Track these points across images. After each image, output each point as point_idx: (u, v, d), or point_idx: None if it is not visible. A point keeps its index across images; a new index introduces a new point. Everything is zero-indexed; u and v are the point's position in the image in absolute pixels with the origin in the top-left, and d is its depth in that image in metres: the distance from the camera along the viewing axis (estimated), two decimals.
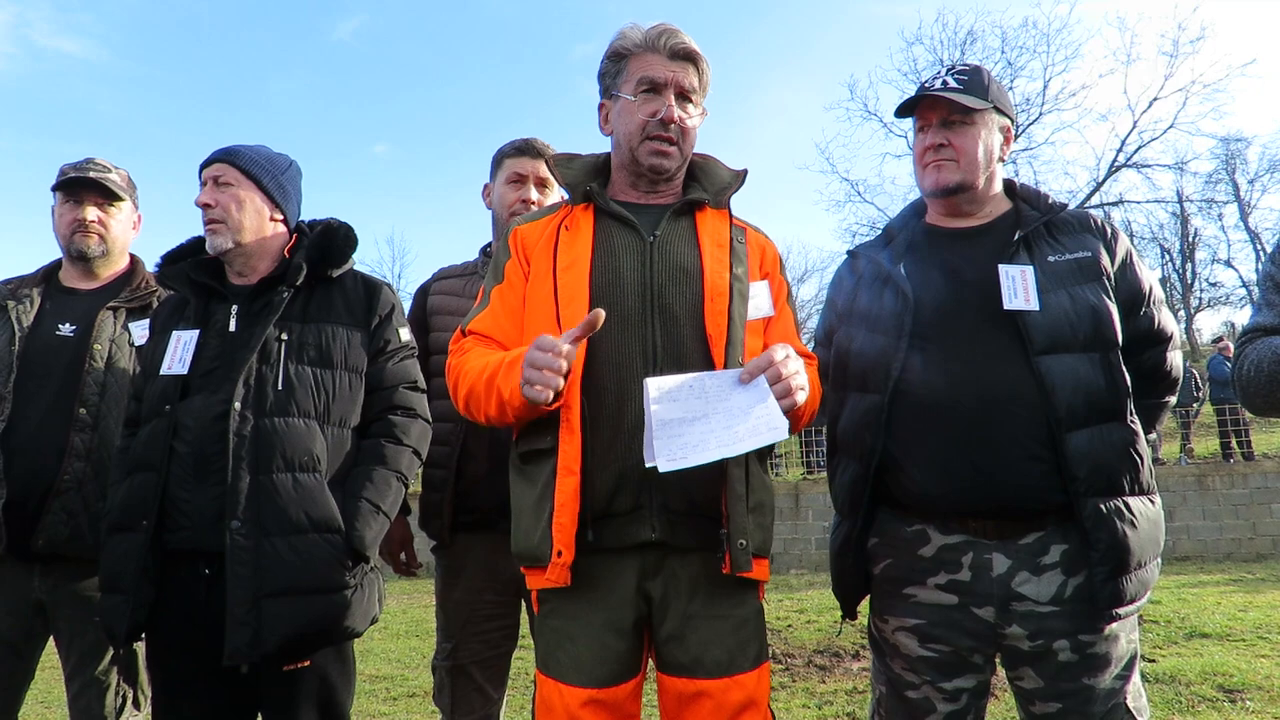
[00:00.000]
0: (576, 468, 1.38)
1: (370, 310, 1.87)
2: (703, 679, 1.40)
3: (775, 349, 1.37)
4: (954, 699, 1.55)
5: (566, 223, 1.56)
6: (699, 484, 1.41)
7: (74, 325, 2.10)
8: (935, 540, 1.55)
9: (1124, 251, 1.64)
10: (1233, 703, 3.58)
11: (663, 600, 1.43)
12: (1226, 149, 26.16)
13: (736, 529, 1.39)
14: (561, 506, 1.38)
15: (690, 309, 1.47)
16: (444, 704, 2.18)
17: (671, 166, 1.57)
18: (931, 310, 1.59)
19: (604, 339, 1.43)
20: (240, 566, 1.58)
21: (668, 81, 1.54)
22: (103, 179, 2.17)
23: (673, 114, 1.53)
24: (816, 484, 10.10)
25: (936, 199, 1.71)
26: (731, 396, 1.32)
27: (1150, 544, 1.50)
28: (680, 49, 1.55)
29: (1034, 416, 1.48)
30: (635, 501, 1.41)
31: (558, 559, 1.37)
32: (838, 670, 4.49)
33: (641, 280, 1.48)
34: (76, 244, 2.17)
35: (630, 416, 1.41)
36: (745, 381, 1.34)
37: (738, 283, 1.51)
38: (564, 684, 1.40)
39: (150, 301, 2.22)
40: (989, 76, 1.68)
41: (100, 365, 2.07)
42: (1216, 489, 9.26)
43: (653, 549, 1.42)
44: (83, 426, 2.01)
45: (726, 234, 1.57)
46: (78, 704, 2.05)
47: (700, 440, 1.28)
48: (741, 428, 1.30)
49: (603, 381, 1.43)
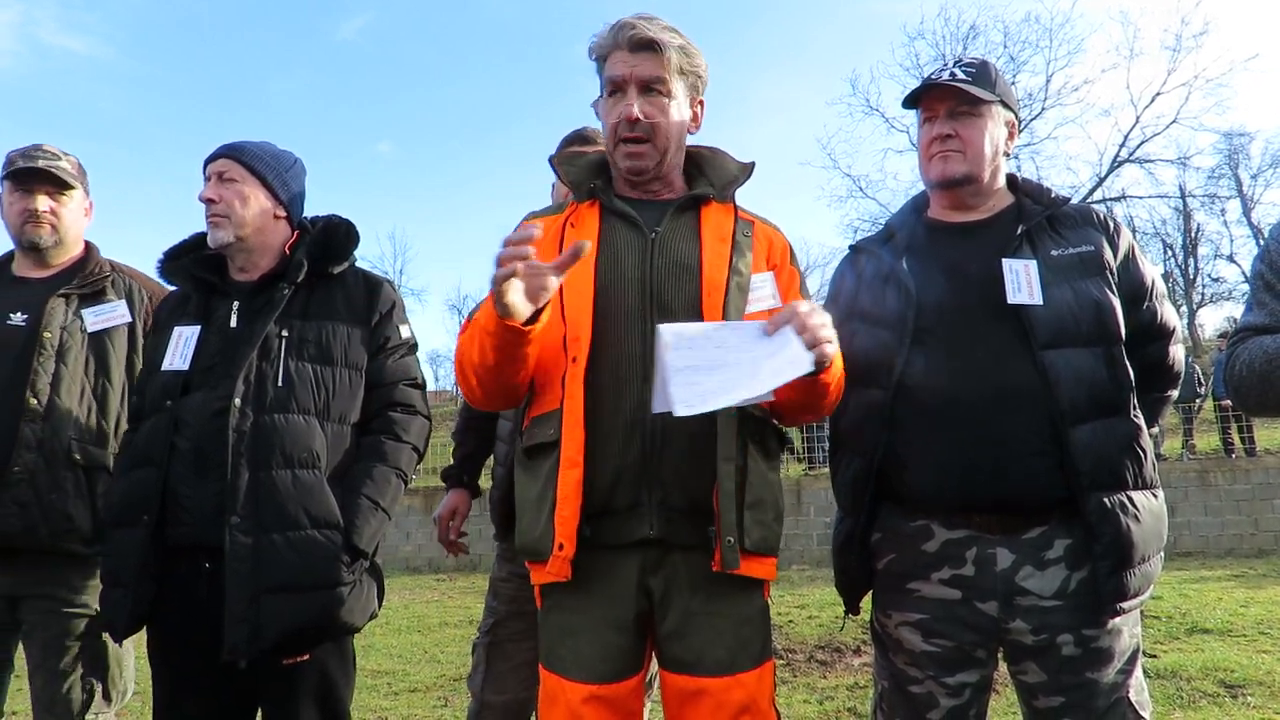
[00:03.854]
0: (580, 460, 1.37)
1: (371, 307, 1.87)
2: (703, 677, 1.39)
3: (800, 303, 1.30)
4: (957, 694, 1.55)
5: (572, 220, 1.55)
6: (698, 481, 1.40)
7: (24, 314, 2.06)
8: (939, 535, 1.54)
9: (1126, 245, 1.64)
10: (1234, 698, 3.58)
11: (664, 597, 1.42)
12: (1229, 144, 26.18)
13: (725, 526, 1.37)
14: (564, 499, 1.37)
15: (687, 304, 1.45)
16: (475, 684, 2.17)
17: (648, 165, 1.52)
18: (934, 305, 1.59)
19: (604, 336, 1.43)
20: (239, 562, 1.58)
21: (627, 78, 1.48)
22: (53, 168, 2.11)
23: (631, 112, 1.47)
24: (818, 479, 10.11)
25: (941, 191, 1.70)
26: (755, 347, 1.26)
27: (1153, 538, 1.50)
28: (637, 40, 1.47)
29: (1037, 411, 1.48)
30: (634, 498, 1.40)
31: (559, 552, 1.36)
32: (839, 665, 4.50)
33: (641, 277, 1.47)
34: (28, 234, 2.12)
35: (628, 413, 1.41)
36: (769, 333, 1.27)
37: (736, 276, 1.48)
38: (566, 679, 1.40)
39: (103, 287, 2.16)
40: (995, 71, 1.67)
41: (51, 353, 2.02)
42: (1219, 484, 9.25)
43: (654, 545, 1.42)
44: (33, 417, 1.97)
45: (729, 228, 1.54)
46: (41, 698, 2.02)
47: (719, 387, 1.22)
48: (766, 370, 1.23)
49: (602, 378, 1.42)
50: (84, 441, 2.04)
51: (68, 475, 1.99)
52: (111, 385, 2.11)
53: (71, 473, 2.00)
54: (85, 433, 2.05)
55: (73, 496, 1.99)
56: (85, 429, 2.05)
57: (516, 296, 1.26)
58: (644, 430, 1.40)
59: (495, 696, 2.12)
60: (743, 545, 1.39)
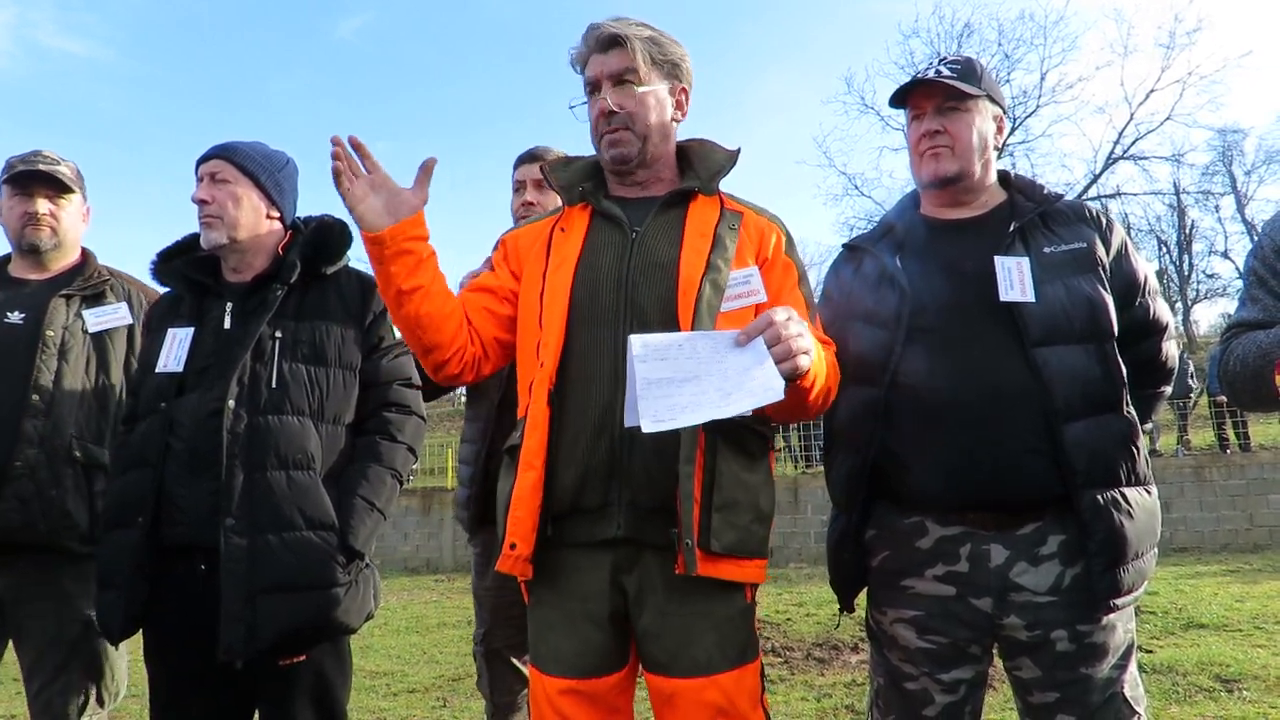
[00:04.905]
0: (538, 463, 1.39)
1: (365, 307, 1.87)
2: (678, 678, 1.39)
3: (776, 310, 1.29)
4: (952, 690, 1.55)
5: (562, 224, 1.55)
6: (665, 482, 1.38)
7: (24, 314, 2.08)
8: (933, 532, 1.55)
9: (1119, 242, 1.64)
10: (1229, 693, 3.60)
11: (638, 596, 1.42)
12: (1223, 140, 26.26)
13: (685, 529, 1.35)
14: (518, 500, 1.39)
15: (661, 304, 1.44)
16: (484, 688, 2.25)
17: (632, 152, 1.53)
18: (928, 303, 1.59)
19: (577, 338, 1.44)
20: (234, 563, 1.58)
21: (599, 76, 1.53)
22: (53, 171, 2.14)
23: (605, 105, 1.51)
24: (814, 478, 10.12)
25: (933, 190, 1.70)
26: (726, 358, 1.25)
27: (1147, 534, 1.51)
28: (603, 38, 1.52)
29: (1031, 408, 1.48)
30: (604, 498, 1.41)
31: (510, 551, 1.39)
32: (836, 663, 4.51)
33: (618, 277, 1.47)
34: (28, 237, 2.14)
35: (595, 413, 1.41)
36: (742, 344, 1.26)
37: (713, 273, 1.45)
38: (544, 673, 1.43)
39: (103, 290, 2.20)
40: (980, 67, 1.68)
41: (54, 351, 2.05)
42: (1214, 480, 9.29)
43: (625, 545, 1.42)
44: (35, 413, 1.98)
45: (713, 222, 1.52)
46: (39, 701, 2.03)
47: (691, 401, 1.21)
48: (735, 389, 1.22)
49: (571, 376, 1.43)
50: (84, 439, 2.05)
51: (68, 472, 2.01)
52: (111, 384, 2.14)
53: (72, 469, 2.01)
54: (85, 430, 2.06)
55: (72, 493, 2.00)
56: (85, 426, 2.06)
57: (369, 205, 1.38)
58: (611, 431, 1.40)
59: (502, 698, 2.20)
60: (709, 548, 1.37)
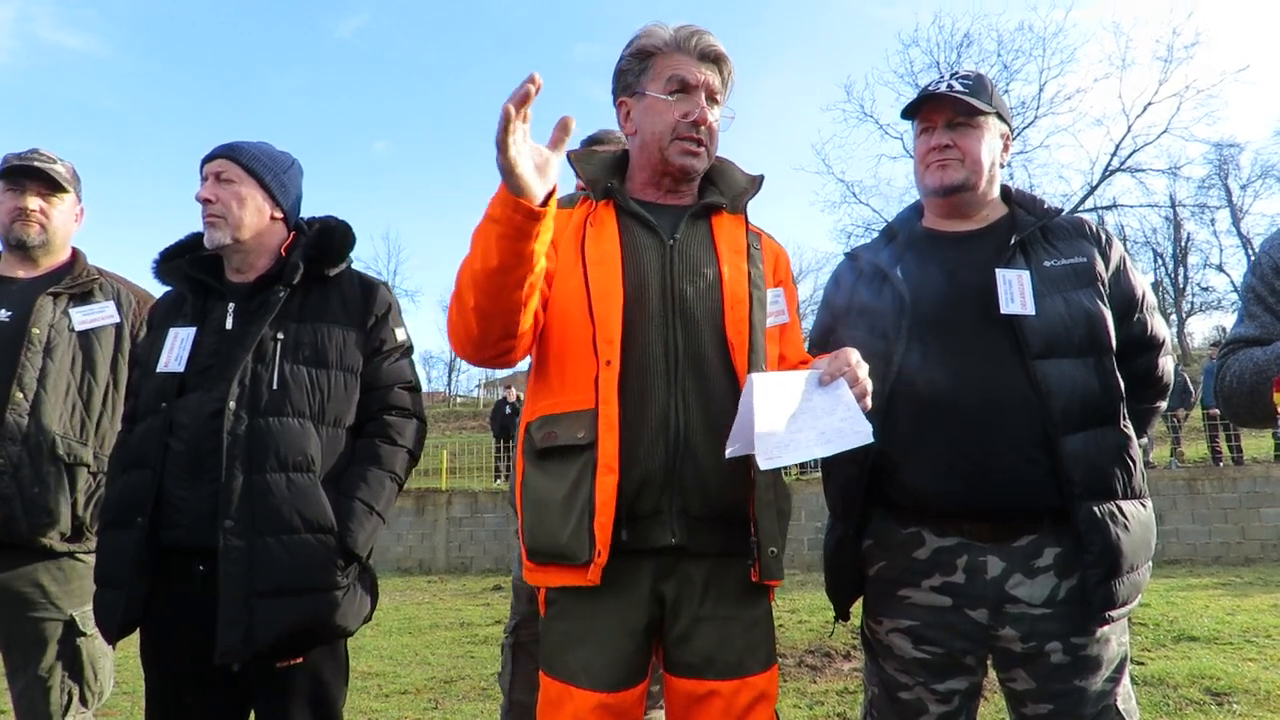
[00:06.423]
0: (616, 466, 1.36)
1: (367, 310, 1.86)
2: (713, 680, 1.39)
3: (849, 351, 1.36)
4: (946, 700, 1.56)
5: (591, 219, 1.54)
6: (719, 489, 1.40)
7: (9, 311, 2.08)
8: (930, 542, 1.56)
9: (1118, 257, 1.65)
10: (1220, 705, 3.61)
11: (675, 603, 1.42)
12: (1219, 154, 26.45)
13: (766, 536, 1.39)
14: (603, 505, 1.35)
15: (709, 314, 1.47)
16: (504, 683, 2.23)
17: (700, 168, 1.56)
18: (928, 313, 1.60)
19: (631, 340, 1.42)
20: (233, 565, 1.58)
21: (699, 83, 1.52)
22: (48, 169, 2.15)
23: (705, 116, 1.52)
24: (809, 484, 10.13)
25: (938, 199, 1.71)
26: (814, 396, 1.33)
27: (1142, 547, 1.51)
28: (709, 51, 1.54)
29: (1029, 420, 1.49)
30: (656, 505, 1.40)
31: (598, 559, 1.35)
32: (829, 670, 4.51)
33: (662, 282, 1.47)
34: (16, 232, 2.14)
35: (652, 419, 1.40)
36: (825, 384, 1.34)
37: (756, 290, 1.51)
38: (575, 687, 1.38)
39: (91, 289, 2.19)
40: (991, 84, 1.70)
41: (39, 349, 2.04)
42: (1206, 493, 9.33)
43: (669, 552, 1.41)
44: (19, 410, 1.98)
45: (743, 240, 1.56)
46: (22, 702, 2.02)
47: (791, 440, 1.28)
48: (830, 429, 1.30)
49: (629, 382, 1.41)
50: (68, 437, 2.06)
51: (51, 470, 2.01)
52: (96, 384, 2.13)
53: (55, 467, 2.02)
54: (69, 429, 2.07)
55: (54, 491, 2.01)
56: (69, 425, 2.07)
57: (528, 165, 1.19)
58: (668, 437, 1.40)
59: (523, 696, 2.14)
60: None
